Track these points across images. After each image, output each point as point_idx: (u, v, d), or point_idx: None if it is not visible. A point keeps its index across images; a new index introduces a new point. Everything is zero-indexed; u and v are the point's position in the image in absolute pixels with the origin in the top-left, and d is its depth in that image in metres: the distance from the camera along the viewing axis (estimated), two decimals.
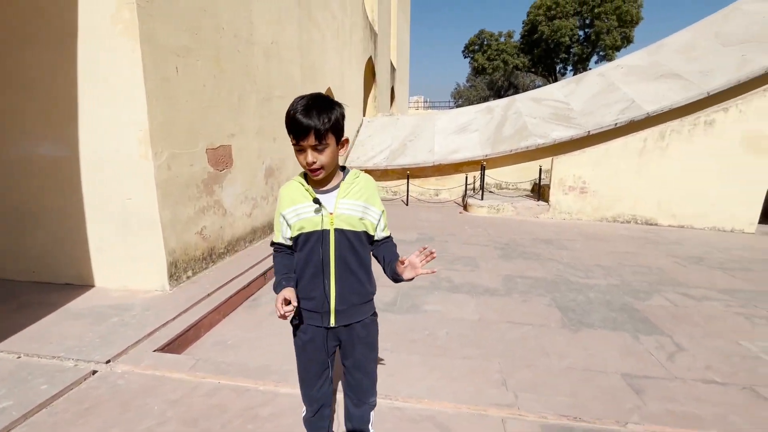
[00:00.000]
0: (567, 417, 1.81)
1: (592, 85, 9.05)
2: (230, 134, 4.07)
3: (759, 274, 4.32)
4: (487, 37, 33.77)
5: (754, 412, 1.99)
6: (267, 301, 3.44)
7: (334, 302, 1.30)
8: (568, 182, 7.01)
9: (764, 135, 6.07)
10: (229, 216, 4.11)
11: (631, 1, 28.31)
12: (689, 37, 8.61)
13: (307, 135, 1.18)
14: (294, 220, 1.31)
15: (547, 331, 2.94)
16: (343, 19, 8.23)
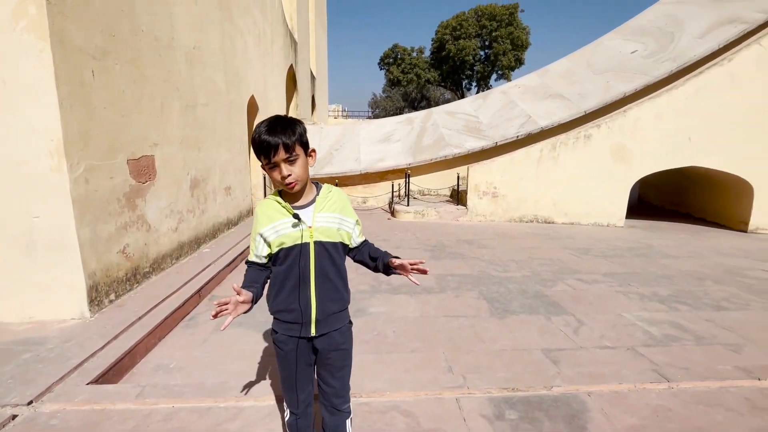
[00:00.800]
0: (506, 389, 2.14)
1: (496, 101, 10.21)
2: (153, 144, 3.79)
3: (629, 259, 5.36)
4: (400, 51, 35.53)
5: (637, 366, 2.55)
6: (206, 319, 3.28)
7: (315, 312, 1.36)
8: (482, 188, 7.81)
9: (625, 147, 7.51)
10: (154, 232, 3.81)
11: (521, 28, 32.35)
12: (568, 65, 10.24)
13: (277, 150, 1.26)
14: (273, 237, 1.36)
15: (479, 320, 3.33)
16: (264, 26, 8.08)
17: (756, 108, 6.85)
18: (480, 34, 32.60)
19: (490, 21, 31.82)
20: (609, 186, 7.60)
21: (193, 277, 3.85)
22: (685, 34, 8.55)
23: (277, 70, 9.57)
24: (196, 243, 4.76)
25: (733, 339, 3.01)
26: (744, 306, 3.71)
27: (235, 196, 6.26)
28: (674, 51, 8.40)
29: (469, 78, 36.28)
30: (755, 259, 5.42)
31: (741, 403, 2.04)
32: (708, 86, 6.99)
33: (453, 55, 32.54)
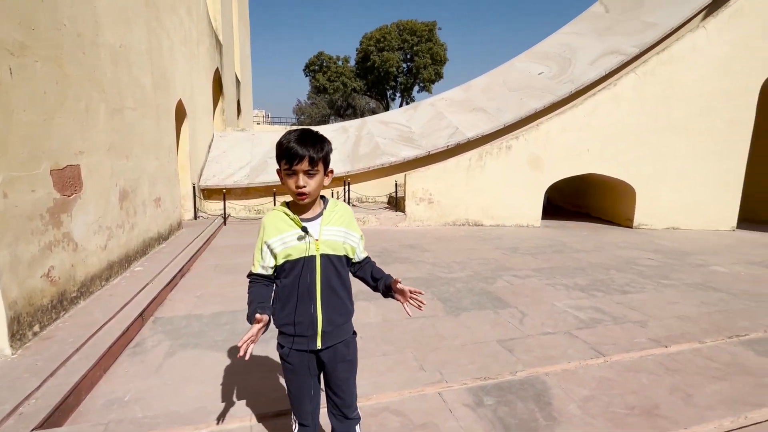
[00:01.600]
0: (479, 378, 2.36)
1: (426, 112, 10.83)
2: (78, 152, 3.37)
3: (550, 255, 6.10)
4: (326, 59, 35.53)
5: (576, 346, 2.97)
6: (155, 343, 3.01)
7: (321, 324, 1.38)
8: (419, 194, 8.23)
9: (539, 156, 8.52)
10: (82, 251, 3.37)
11: (439, 44, 34.59)
12: (487, 82, 11.30)
13: (302, 160, 1.28)
14: (280, 248, 1.37)
15: (437, 320, 3.55)
16: (190, 26, 7.57)
17: (635, 124, 8.29)
18: (402, 47, 34.09)
19: (411, 35, 33.47)
20: (527, 191, 8.54)
21: (131, 300, 3.48)
22: (579, 61, 10.03)
23: (204, 74, 9.00)
24: (126, 261, 4.29)
25: (638, 317, 3.64)
26: (641, 289, 4.50)
27: (165, 208, 5.74)
28: (572, 74, 9.79)
29: (393, 89, 37.64)
30: (642, 250, 6.56)
31: (657, 367, 2.52)
32: (599, 105, 8.29)
33: (378, 66, 33.51)
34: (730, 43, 7.86)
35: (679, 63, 8.00)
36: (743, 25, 7.79)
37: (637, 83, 8.13)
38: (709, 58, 7.95)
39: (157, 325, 3.35)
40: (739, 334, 3.09)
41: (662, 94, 8.12)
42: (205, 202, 8.58)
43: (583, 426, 1.93)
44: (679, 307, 3.89)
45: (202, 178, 8.44)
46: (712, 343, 2.90)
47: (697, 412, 2.06)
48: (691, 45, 7.92)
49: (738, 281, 4.83)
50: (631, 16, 10.15)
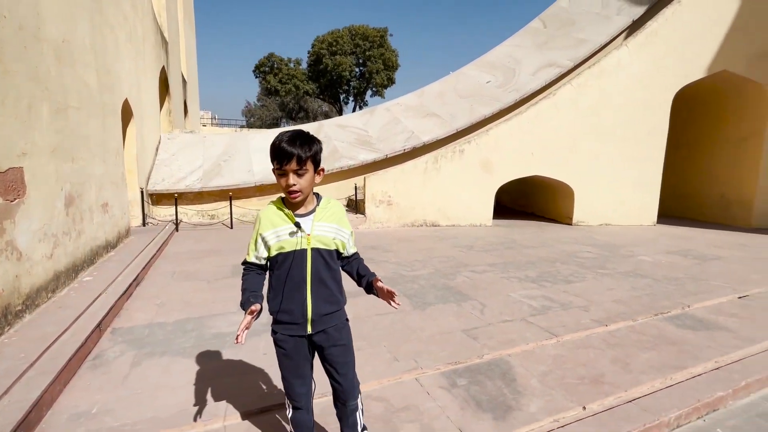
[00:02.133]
0: (450, 363, 2.55)
1: (382, 117, 11.07)
2: (21, 153, 3.12)
3: (502, 251, 6.55)
4: (277, 61, 34.80)
5: (532, 330, 3.27)
6: (117, 354, 2.87)
7: (310, 312, 1.49)
8: (378, 197, 8.41)
9: (489, 160, 9.08)
10: (26, 261, 3.12)
11: (391, 51, 35.28)
12: (440, 89, 11.80)
13: (290, 160, 1.37)
14: (274, 241, 1.47)
15: (405, 315, 3.72)
16: (135, 22, 7.16)
17: (572, 130, 9.13)
18: (355, 51, 34.33)
19: (363, 41, 33.82)
20: (479, 192, 9.05)
21: (84, 311, 3.27)
22: (522, 71, 10.82)
23: (150, 72, 8.52)
24: (73, 271, 4.00)
25: (581, 302, 4.08)
26: (582, 278, 5.01)
27: (113, 214, 5.39)
28: (516, 84, 10.54)
29: (347, 92, 37.73)
30: (581, 244, 7.24)
31: (600, 343, 2.88)
32: (541, 113, 9.02)
33: (330, 70, 33.44)
34: (647, 61, 8.93)
35: (607, 76, 8.95)
36: (657, 45, 8.90)
37: (573, 94, 8.96)
38: (631, 73, 8.97)
39: (117, 335, 3.18)
40: (663, 312, 3.58)
41: (594, 103, 9.02)
42: (153, 208, 8.11)
43: (543, 396, 2.18)
44: (615, 293, 4.40)
45: (151, 183, 7.97)
46: (642, 320, 3.34)
47: (634, 377, 2.41)
48: (617, 61, 8.90)
49: (659, 268, 5.53)
50: (565, 33, 11.15)
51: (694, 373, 2.48)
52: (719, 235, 8.44)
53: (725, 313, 3.55)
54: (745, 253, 6.61)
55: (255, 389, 2.35)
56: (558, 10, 11.76)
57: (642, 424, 1.95)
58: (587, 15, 11.11)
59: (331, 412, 1.78)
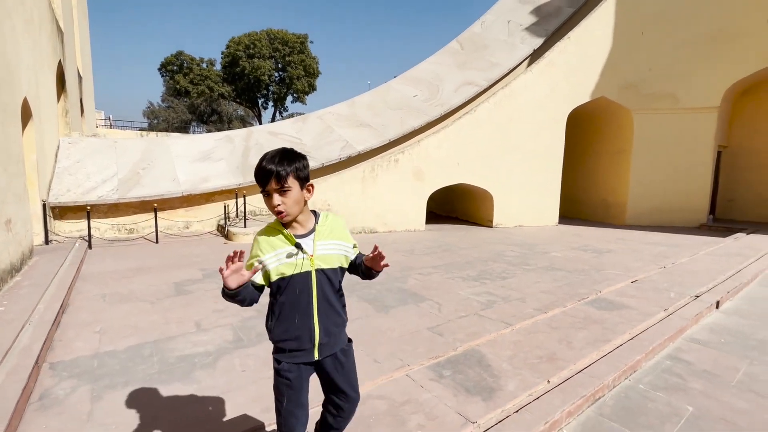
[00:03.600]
0: (431, 358, 2.81)
1: (315, 125, 11.07)
2: None
3: (441, 254, 7.09)
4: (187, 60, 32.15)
5: (486, 322, 3.70)
6: (68, 391, 2.55)
7: (318, 337, 1.42)
8: (318, 205, 8.42)
9: (421, 169, 9.70)
10: None
11: (312, 57, 35.06)
12: (370, 100, 12.21)
13: (269, 179, 1.31)
14: (274, 264, 1.38)
15: (372, 319, 3.90)
16: (32, 9, 6.19)
17: (490, 143, 10.23)
18: (274, 56, 33.36)
19: (282, 45, 33.05)
20: (413, 199, 9.61)
21: (10, 347, 2.82)
22: (445, 88, 11.78)
23: (47, 66, 7.37)
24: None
25: (518, 295, 4.68)
26: (513, 275, 5.71)
27: (16, 232, 4.61)
28: (441, 99, 11.43)
29: (266, 97, 36.39)
30: (505, 244, 8.16)
31: (545, 327, 3.41)
32: (464, 127, 9.95)
33: (248, 73, 31.98)
34: (546, 85, 10.45)
35: (517, 97, 10.25)
36: (554, 73, 10.47)
37: (490, 110, 10.06)
38: (534, 96, 10.40)
39: (59, 371, 2.80)
40: (583, 297, 4.33)
41: (507, 120, 10.24)
42: (57, 223, 7.01)
43: (515, 376, 2.56)
44: (541, 285, 5.12)
45: (53, 194, 6.88)
46: (570, 306, 4.01)
47: (577, 352, 2.93)
48: (524, 84, 10.24)
49: (569, 262, 6.54)
50: (480, 55, 12.44)
51: (616, 344, 3.11)
52: (604, 232, 10.18)
53: (627, 295, 4.42)
54: (626, 246, 8.12)
55: (246, 408, 2.32)
56: (472, 35, 13.06)
57: (593, 388, 2.42)
58: (497, 41, 12.55)
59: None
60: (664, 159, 10.95)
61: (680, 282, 5.14)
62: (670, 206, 11.09)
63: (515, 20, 12.94)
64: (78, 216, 7.18)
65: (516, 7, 13.36)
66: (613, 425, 2.21)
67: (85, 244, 6.63)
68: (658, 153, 10.97)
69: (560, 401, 2.26)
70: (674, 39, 10.55)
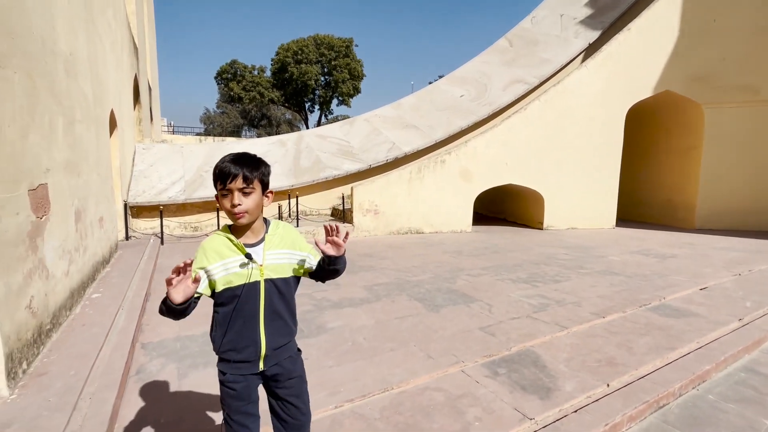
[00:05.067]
0: (485, 356, 2.85)
1: (362, 128, 11.35)
2: (46, 169, 3.09)
3: (490, 256, 7.01)
4: (240, 68, 34.10)
5: (540, 325, 3.66)
6: (158, 368, 2.89)
7: (264, 348, 1.37)
8: (365, 206, 8.65)
9: (468, 170, 9.62)
10: (52, 278, 3.07)
11: (357, 61, 35.76)
12: (415, 101, 12.30)
13: (235, 178, 1.28)
14: (221, 274, 1.33)
15: (422, 317, 3.99)
16: (116, 30, 6.97)
17: (541, 142, 9.91)
18: (320, 60, 34.44)
19: (328, 50, 34.03)
20: (460, 200, 9.56)
21: (110, 328, 3.24)
22: (493, 86, 11.57)
23: (126, 81, 8.25)
24: (82, 288, 3.90)
25: (573, 299, 4.55)
26: (567, 278, 5.54)
27: (107, 229, 5.23)
28: (489, 98, 11.26)
29: (312, 101, 37.65)
30: (557, 247, 7.89)
31: (603, 332, 3.31)
32: (514, 126, 9.73)
33: (296, 78, 33.28)
34: (603, 80, 9.93)
35: (570, 94, 9.84)
36: (612, 66, 9.93)
37: (541, 108, 9.75)
38: (590, 91, 9.92)
39: (149, 350, 3.19)
40: (645, 303, 4.12)
41: (559, 117, 9.87)
42: (134, 221, 7.82)
43: (573, 377, 2.54)
44: (598, 289, 4.93)
45: (131, 195, 7.69)
46: (631, 311, 3.85)
47: (639, 358, 2.84)
48: (578, 80, 9.82)
49: (628, 266, 6.21)
50: (530, 52, 12.08)
51: (683, 352, 2.96)
52: (669, 236, 9.49)
53: (695, 303, 4.16)
54: (694, 251, 7.53)
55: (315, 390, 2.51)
56: (522, 31, 12.71)
57: (657, 394, 2.35)
58: (549, 36, 12.12)
59: None
60: (741, 156, 10.00)
61: (758, 291, 4.72)
62: (747, 208, 10.10)
63: (569, 14, 12.41)
64: (152, 215, 7.94)
65: (570, 0, 12.81)
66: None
67: (158, 240, 7.33)
68: (733, 150, 10.03)
69: (621, 405, 2.22)
70: (752, 25, 9.61)
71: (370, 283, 5.06)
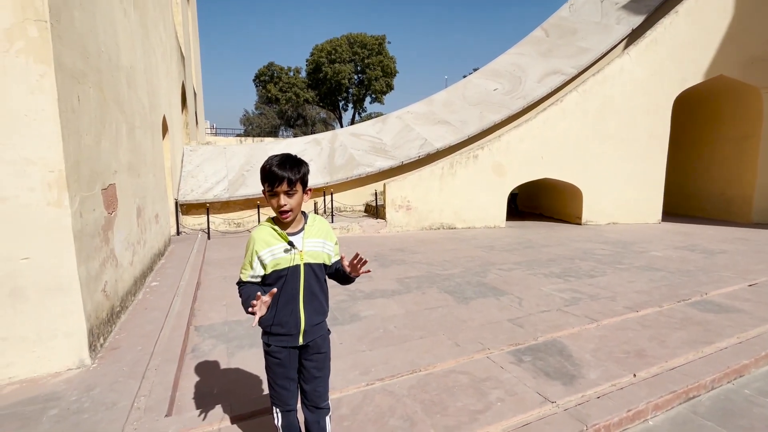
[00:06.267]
0: (511, 345, 2.94)
1: (394, 125, 11.50)
2: (114, 171, 3.50)
3: (523, 251, 6.96)
4: (277, 70, 35.27)
5: (570, 317, 3.67)
6: (210, 347, 3.22)
7: (303, 324, 1.59)
8: (398, 202, 8.81)
9: (501, 164, 9.52)
10: (120, 267, 3.49)
11: (389, 58, 35.87)
12: (447, 97, 12.26)
13: (282, 182, 1.47)
14: (269, 259, 1.55)
15: (452, 308, 4.11)
16: (166, 41, 7.57)
17: (578, 134, 9.60)
18: (353, 59, 34.88)
19: (361, 48, 34.39)
20: (493, 195, 9.48)
21: (168, 312, 3.64)
22: (528, 78, 11.31)
23: (175, 88, 8.91)
24: (142, 277, 4.36)
25: (608, 294, 4.48)
26: (603, 273, 5.42)
27: (161, 225, 5.76)
28: (523, 91, 11.02)
29: (345, 99, 38.24)
30: (595, 242, 7.67)
31: (635, 325, 3.28)
32: (550, 119, 9.49)
33: (330, 78, 33.96)
34: (648, 67, 9.45)
35: (611, 83, 9.45)
36: (657, 53, 9.41)
37: (579, 99, 9.45)
38: (633, 79, 9.47)
39: (201, 332, 3.54)
40: (684, 299, 4.00)
41: (599, 108, 9.51)
42: (183, 217, 8.47)
43: (598, 367, 2.58)
44: (635, 285, 4.81)
45: (181, 193, 8.33)
46: (667, 306, 3.75)
47: (671, 351, 2.81)
48: (619, 68, 9.40)
49: (671, 262, 5.96)
50: (568, 41, 11.67)
51: (720, 346, 2.89)
52: (721, 230, 8.91)
53: (740, 299, 3.97)
54: (747, 247, 7.06)
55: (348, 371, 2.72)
56: (559, 20, 12.30)
57: (685, 385, 2.34)
58: (588, 24, 11.65)
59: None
60: None
61: None
62: None
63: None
64: (199, 212, 8.56)
65: None
66: (707, 423, 2.14)
67: (205, 235, 7.90)
68: None
69: (646, 393, 2.25)
70: None
71: (402, 276, 5.23)
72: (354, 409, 2.15)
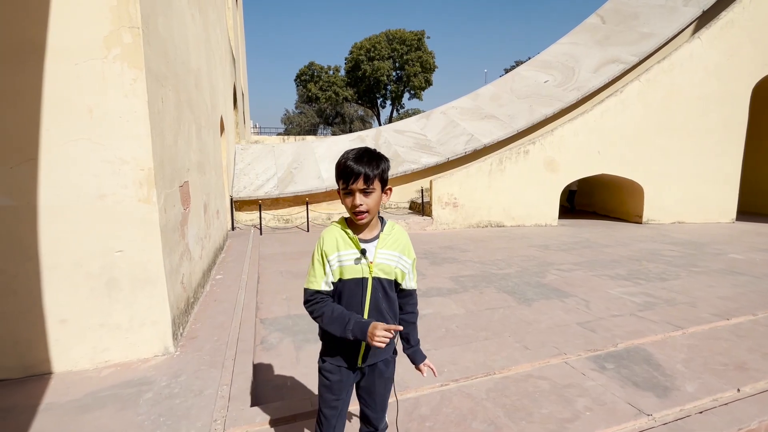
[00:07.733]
0: (589, 350, 2.77)
1: (439, 121, 11.33)
2: (188, 169, 3.68)
3: (581, 251, 6.60)
4: (317, 69, 35.95)
5: (649, 324, 3.41)
6: (278, 340, 3.31)
7: (364, 345, 1.38)
8: (444, 199, 8.67)
9: (554, 160, 9.09)
10: (193, 260, 3.67)
11: (428, 53, 35.45)
12: (494, 90, 11.89)
13: (357, 179, 1.27)
14: (336, 266, 1.35)
15: (514, 309, 3.96)
16: (222, 44, 7.89)
17: (640, 127, 8.97)
18: (392, 56, 34.81)
19: (400, 45, 34.24)
20: (544, 192, 9.09)
21: (236, 305, 3.78)
22: (582, 69, 10.71)
23: (228, 89, 9.29)
24: (209, 270, 4.57)
25: (685, 299, 4.13)
26: (677, 276, 5.02)
27: (222, 220, 6.03)
28: (577, 82, 10.45)
29: (384, 96, 38.28)
30: (661, 243, 7.14)
31: (729, 335, 2.99)
32: (608, 111, 8.93)
33: (368, 75, 34.11)
34: (722, 52, 8.62)
35: (678, 70, 8.72)
36: (733, 36, 8.57)
37: (641, 89, 8.81)
38: (704, 66, 8.69)
39: (267, 325, 3.65)
40: None
41: (664, 98, 8.82)
42: (237, 213, 8.83)
43: (694, 379, 2.36)
44: (717, 290, 4.40)
45: (235, 190, 8.69)
46: (762, 315, 3.39)
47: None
48: (689, 54, 8.66)
49: (756, 266, 5.41)
50: (628, 27, 10.92)
51: None
52: None
53: None
54: None
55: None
56: (618, 5, 11.53)
57: None
58: (651, 7, 10.83)
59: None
60: None
61: None
62: None
63: None
64: (251, 208, 8.89)
65: None
66: None
67: (257, 231, 8.20)
68: None
69: (757, 411, 2.02)
70: None
71: (455, 275, 5.13)
72: (434, 410, 2.11)
